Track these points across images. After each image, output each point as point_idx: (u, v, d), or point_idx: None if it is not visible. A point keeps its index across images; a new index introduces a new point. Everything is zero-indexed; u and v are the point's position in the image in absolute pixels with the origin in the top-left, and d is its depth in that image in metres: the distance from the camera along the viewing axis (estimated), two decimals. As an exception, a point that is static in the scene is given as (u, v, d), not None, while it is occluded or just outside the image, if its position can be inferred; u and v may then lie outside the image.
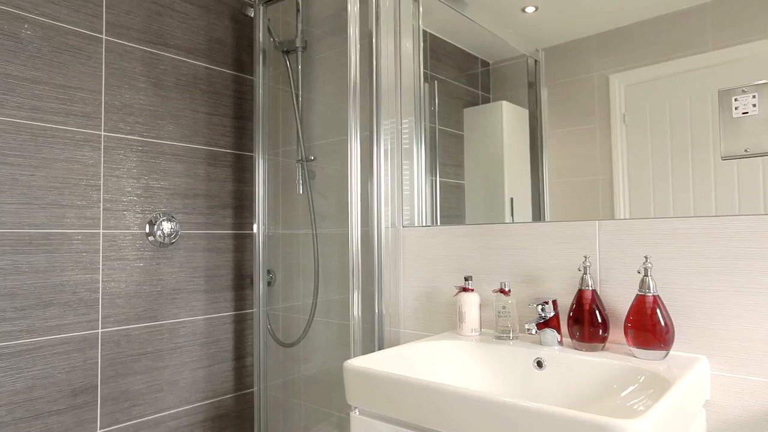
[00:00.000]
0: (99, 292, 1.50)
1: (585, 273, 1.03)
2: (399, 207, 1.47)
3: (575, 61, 1.16)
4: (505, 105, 1.29)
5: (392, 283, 1.45)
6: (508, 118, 1.28)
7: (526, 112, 1.25)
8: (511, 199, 1.27)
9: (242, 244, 1.87)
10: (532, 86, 1.24)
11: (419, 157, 1.45)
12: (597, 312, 1.01)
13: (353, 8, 1.42)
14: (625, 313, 1.04)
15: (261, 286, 1.76)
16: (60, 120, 1.43)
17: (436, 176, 1.42)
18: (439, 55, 1.43)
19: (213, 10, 1.80)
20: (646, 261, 0.95)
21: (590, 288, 1.02)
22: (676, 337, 0.98)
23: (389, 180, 1.48)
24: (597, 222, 1.09)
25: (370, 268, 1.45)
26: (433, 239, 1.38)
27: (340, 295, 1.67)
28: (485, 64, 1.33)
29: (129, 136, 1.57)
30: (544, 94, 1.21)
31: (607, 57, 1.12)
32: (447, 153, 1.40)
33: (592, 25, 1.14)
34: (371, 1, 1.48)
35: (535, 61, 1.23)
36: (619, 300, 1.05)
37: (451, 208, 1.39)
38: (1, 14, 1.34)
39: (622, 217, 1.08)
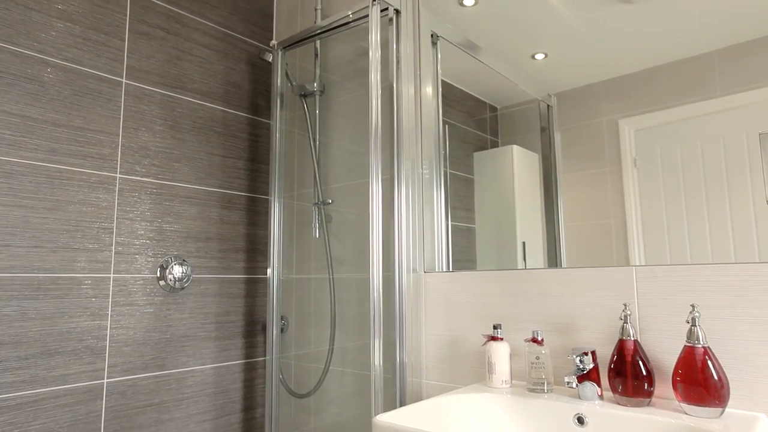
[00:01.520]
0: (106, 340, 1.43)
1: (626, 322, 0.98)
2: (420, 251, 1.43)
3: (584, 106, 1.17)
4: (516, 149, 1.28)
5: (414, 331, 1.39)
6: (519, 162, 1.27)
7: (536, 156, 1.24)
8: (524, 243, 1.25)
9: (254, 288, 1.82)
10: (545, 130, 1.23)
11: (438, 201, 1.42)
12: (641, 364, 0.95)
13: (374, 54, 1.44)
14: (671, 365, 0.98)
15: (274, 332, 1.70)
16: (77, 162, 1.41)
17: (448, 220, 1.40)
18: (450, 100, 1.43)
19: (230, 55, 1.82)
20: (694, 310, 0.90)
21: (632, 338, 0.97)
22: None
23: (410, 224, 1.45)
24: (634, 268, 1.05)
25: (391, 315, 1.40)
26: (456, 285, 1.33)
27: (357, 343, 1.60)
28: (493, 109, 1.34)
29: (144, 179, 1.55)
30: (558, 138, 1.20)
31: (615, 102, 1.12)
32: (458, 197, 1.39)
33: (600, 72, 1.16)
34: (392, 47, 1.49)
35: (548, 105, 1.23)
36: (662, 351, 1.00)
37: (462, 252, 1.35)
38: (26, 59, 1.34)
39: (637, 263, 1.05)
